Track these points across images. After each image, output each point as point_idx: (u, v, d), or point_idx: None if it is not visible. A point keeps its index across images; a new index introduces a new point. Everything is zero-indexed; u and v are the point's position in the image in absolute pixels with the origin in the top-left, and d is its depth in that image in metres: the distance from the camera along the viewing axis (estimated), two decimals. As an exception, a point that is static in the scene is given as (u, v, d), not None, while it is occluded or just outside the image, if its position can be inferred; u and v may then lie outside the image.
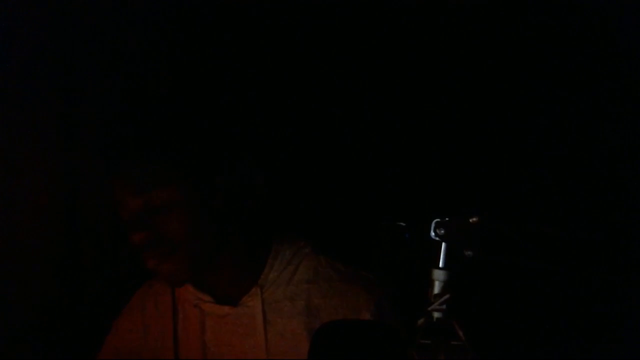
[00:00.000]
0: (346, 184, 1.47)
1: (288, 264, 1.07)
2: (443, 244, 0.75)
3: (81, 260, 1.28)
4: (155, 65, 1.34)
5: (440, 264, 0.75)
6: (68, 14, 1.23)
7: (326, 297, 1.04)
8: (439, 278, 0.74)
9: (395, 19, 1.36)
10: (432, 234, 0.74)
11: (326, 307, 1.03)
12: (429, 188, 1.03)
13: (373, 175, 1.46)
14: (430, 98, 1.36)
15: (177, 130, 0.98)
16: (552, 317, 1.33)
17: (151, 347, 1.10)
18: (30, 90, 1.20)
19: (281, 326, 1.03)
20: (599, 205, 1.31)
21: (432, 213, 0.77)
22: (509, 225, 0.74)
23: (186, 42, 1.37)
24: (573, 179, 1.35)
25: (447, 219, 0.74)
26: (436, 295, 0.74)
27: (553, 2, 1.32)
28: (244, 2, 1.39)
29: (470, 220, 0.75)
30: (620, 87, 1.31)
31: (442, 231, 0.74)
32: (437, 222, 0.74)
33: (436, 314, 0.74)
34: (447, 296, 0.74)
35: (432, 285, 0.75)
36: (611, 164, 1.32)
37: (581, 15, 1.31)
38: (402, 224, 1.06)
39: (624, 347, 1.23)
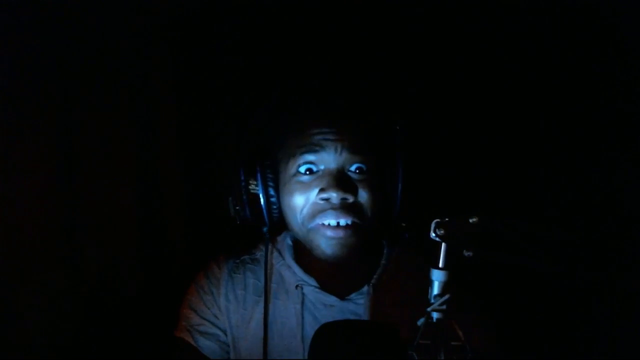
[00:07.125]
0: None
1: (399, 269, 1.06)
2: (443, 244, 0.75)
3: (82, 260, 1.28)
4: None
5: (440, 264, 0.75)
6: (68, 14, 1.23)
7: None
8: (438, 278, 0.75)
9: (391, 17, 1.36)
10: (432, 234, 0.75)
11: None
12: (428, 188, 1.03)
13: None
14: (429, 97, 1.36)
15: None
16: (551, 317, 1.33)
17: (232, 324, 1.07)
18: (30, 90, 1.20)
19: None
20: (598, 206, 1.31)
21: (432, 213, 0.77)
22: (508, 225, 0.74)
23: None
24: (573, 179, 1.35)
25: (447, 219, 0.75)
26: (436, 295, 0.74)
27: (555, 2, 1.32)
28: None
29: (470, 220, 0.75)
30: (621, 86, 1.31)
31: (442, 231, 0.74)
32: (437, 222, 0.74)
33: (436, 314, 0.74)
34: (447, 296, 0.74)
35: (431, 286, 0.75)
36: (611, 164, 1.32)
37: (584, 15, 1.31)
38: (402, 224, 1.07)
39: (623, 347, 1.23)
